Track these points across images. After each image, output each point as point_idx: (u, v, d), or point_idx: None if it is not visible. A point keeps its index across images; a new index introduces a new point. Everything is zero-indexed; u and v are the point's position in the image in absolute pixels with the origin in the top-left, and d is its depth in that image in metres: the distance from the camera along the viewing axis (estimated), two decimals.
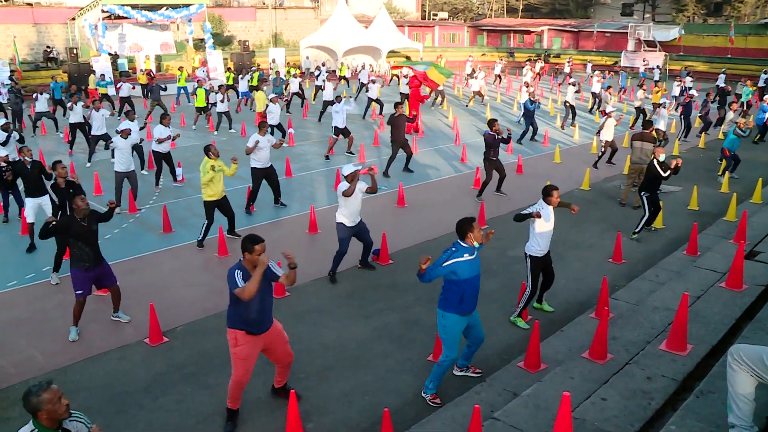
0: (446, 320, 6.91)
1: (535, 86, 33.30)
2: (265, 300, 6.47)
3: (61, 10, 42.47)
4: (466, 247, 6.80)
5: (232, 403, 6.78)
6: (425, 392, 7.20)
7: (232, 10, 52.92)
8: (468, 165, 18.60)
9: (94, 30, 36.56)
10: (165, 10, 38.24)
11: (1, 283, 10.60)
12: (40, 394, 4.09)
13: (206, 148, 11.72)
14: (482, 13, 74.49)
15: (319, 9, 58.55)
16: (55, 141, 22.66)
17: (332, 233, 10.95)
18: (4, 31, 40.54)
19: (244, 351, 6.47)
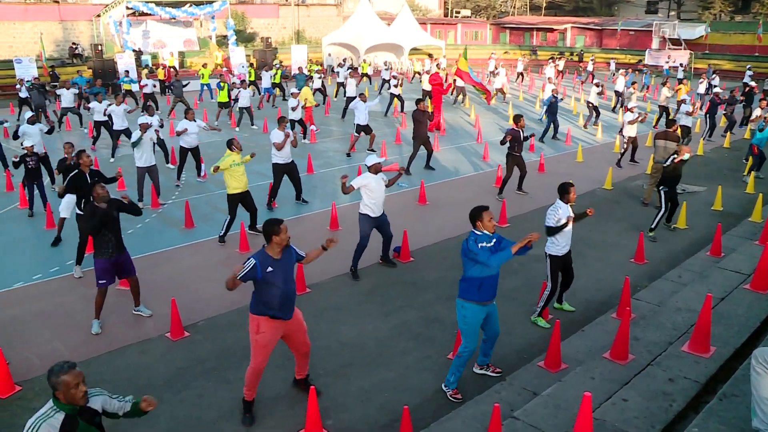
0: (466, 310, 6.92)
1: (558, 84, 33.13)
2: (290, 285, 6.56)
3: (86, 7, 42.92)
4: (482, 234, 6.83)
5: (249, 392, 6.84)
6: (447, 386, 7.21)
7: (255, 7, 53.12)
8: (490, 163, 18.54)
9: (118, 27, 36.94)
10: (188, 6, 38.56)
11: (27, 276, 10.74)
12: (60, 375, 4.15)
13: (229, 141, 11.80)
14: (505, 10, 74.15)
15: (342, 6, 58.59)
16: (80, 136, 22.91)
17: (353, 230, 10.97)
18: (32, 28, 41.09)
19: (265, 338, 6.54)
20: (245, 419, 6.83)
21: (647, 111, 25.17)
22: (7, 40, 40.81)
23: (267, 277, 6.32)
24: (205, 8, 39.18)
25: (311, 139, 21.62)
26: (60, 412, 4.20)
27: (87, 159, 10.66)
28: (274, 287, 6.37)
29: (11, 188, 15.86)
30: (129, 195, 13.65)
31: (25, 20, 41.74)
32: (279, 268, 6.42)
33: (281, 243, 6.38)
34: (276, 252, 6.41)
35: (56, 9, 42.70)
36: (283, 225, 6.38)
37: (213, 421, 6.85)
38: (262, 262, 6.32)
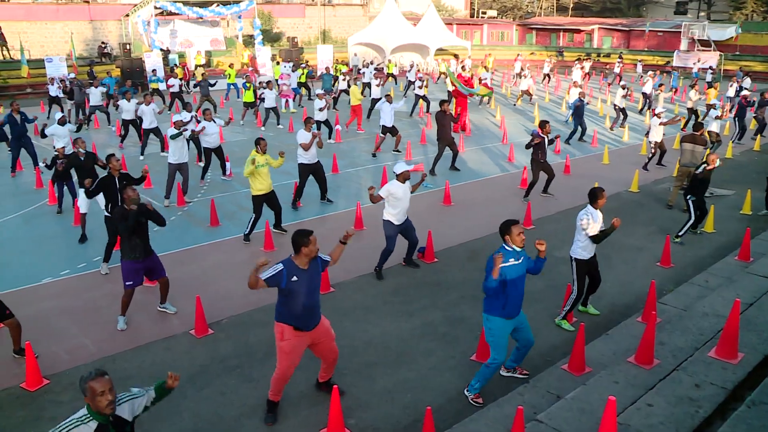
0: (491, 323, 6.90)
1: (584, 86, 32.91)
2: (314, 296, 6.53)
3: (115, 7, 43.44)
4: (511, 251, 6.77)
5: (274, 395, 6.86)
6: (469, 390, 7.19)
7: (281, 7, 53.37)
8: (515, 164, 18.47)
9: (146, 26, 37.29)
10: (215, 6, 38.83)
11: (55, 271, 10.90)
12: (88, 381, 4.20)
13: (257, 140, 11.86)
14: (532, 11, 73.75)
15: (368, 6, 58.64)
16: (108, 134, 23.19)
17: (378, 230, 10.98)
18: (63, 27, 41.73)
19: (289, 345, 6.53)
20: (267, 418, 6.86)
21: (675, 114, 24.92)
22: (39, 40, 41.42)
23: (291, 286, 6.32)
24: (232, 8, 39.42)
25: (336, 138, 21.69)
26: (93, 420, 4.24)
27: (116, 163, 10.74)
28: (297, 297, 6.36)
29: (41, 185, 16.09)
30: (157, 192, 13.86)
31: (57, 20, 42.34)
32: (304, 278, 6.39)
33: (310, 255, 6.37)
34: (303, 263, 6.40)
35: (86, 9, 43.27)
36: (313, 236, 6.37)
37: (235, 419, 6.90)
38: (289, 271, 6.32)
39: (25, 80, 34.29)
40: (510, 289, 6.70)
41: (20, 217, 13.87)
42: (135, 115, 20.08)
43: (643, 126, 24.31)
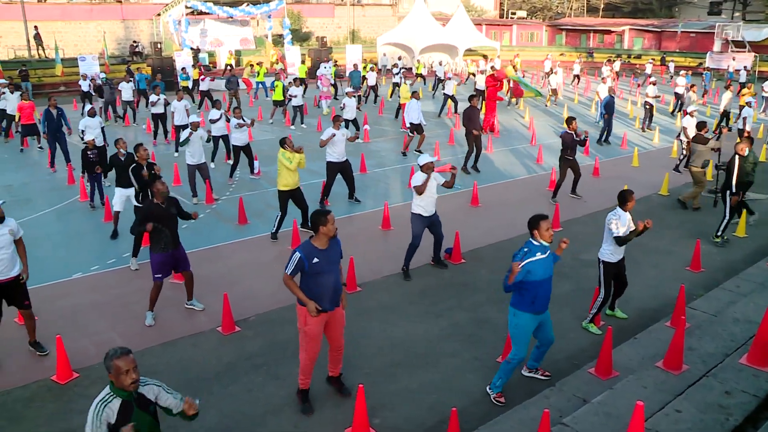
0: (518, 318, 6.87)
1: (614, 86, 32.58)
2: (335, 275, 6.66)
3: (147, 7, 43.97)
4: (538, 245, 6.75)
5: (305, 379, 6.98)
6: (491, 389, 7.17)
7: (310, 7, 53.60)
8: (543, 166, 18.35)
9: (177, 25, 37.67)
10: (246, 6, 39.15)
11: (85, 266, 11.05)
12: (113, 359, 4.27)
13: (282, 140, 11.90)
14: (562, 12, 73.23)
15: (397, 6, 58.68)
16: (138, 131, 23.46)
17: (405, 230, 10.99)
18: (96, 27, 42.39)
19: (313, 329, 6.66)
20: (305, 408, 6.96)
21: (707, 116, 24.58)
22: (73, 39, 42.09)
23: (314, 267, 6.46)
24: (261, 7, 39.70)
25: (365, 138, 21.73)
26: (117, 397, 4.31)
27: (144, 152, 10.92)
28: (320, 277, 6.50)
29: (72, 181, 16.32)
30: (185, 190, 13.98)
31: (90, 20, 43.02)
32: (325, 258, 6.53)
33: (328, 234, 6.49)
34: (323, 242, 6.53)
35: (119, 9, 43.89)
36: (331, 216, 6.49)
37: (261, 416, 6.94)
38: (308, 254, 6.46)
39: (59, 78, 34.89)
40: (538, 283, 6.68)
41: (53, 213, 14.09)
42: (164, 109, 20.37)
43: (674, 129, 24.00)
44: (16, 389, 7.44)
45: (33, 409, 7.08)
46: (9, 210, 7.74)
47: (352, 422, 6.48)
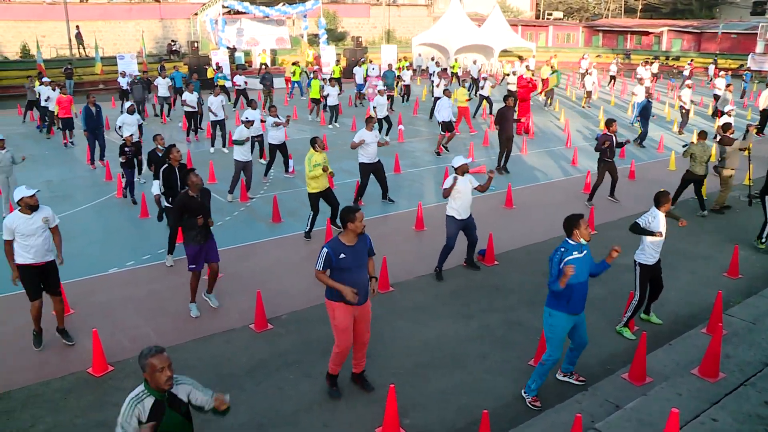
0: (553, 319, 6.83)
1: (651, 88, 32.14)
2: (362, 272, 6.77)
3: (185, 6, 44.53)
4: (574, 244, 6.71)
5: (334, 369, 7.17)
6: (526, 393, 7.14)
7: (346, 7, 53.78)
8: (579, 168, 18.17)
9: (214, 25, 38.04)
10: (282, 5, 39.40)
11: (121, 262, 11.23)
12: (148, 357, 4.32)
13: (313, 140, 11.93)
14: (599, 13, 72.47)
15: (433, 7, 58.60)
16: (173, 129, 23.76)
17: (439, 231, 10.98)
18: (135, 26, 43.11)
19: (342, 323, 6.80)
20: (333, 392, 7.15)
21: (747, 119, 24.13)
22: (113, 38, 42.84)
23: (341, 263, 6.58)
24: (297, 7, 39.92)
25: (399, 138, 21.73)
26: (150, 396, 4.36)
27: (177, 154, 11.02)
28: (346, 273, 6.61)
29: (110, 178, 16.59)
30: (219, 187, 14.11)
31: (129, 19, 43.75)
32: (352, 254, 6.64)
33: (356, 230, 6.59)
34: (350, 239, 6.65)
35: (157, 8, 44.55)
36: (359, 213, 6.59)
37: (292, 413, 6.98)
38: (335, 250, 6.58)
39: (98, 77, 35.50)
40: (574, 283, 6.64)
41: (90, 209, 14.34)
42: (198, 107, 20.62)
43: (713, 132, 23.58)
44: (55, 380, 7.61)
45: (70, 400, 7.23)
46: (49, 205, 7.94)
47: (383, 422, 6.49)
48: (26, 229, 7.79)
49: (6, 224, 7.80)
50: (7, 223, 7.80)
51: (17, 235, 7.80)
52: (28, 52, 38.97)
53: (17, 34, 40.25)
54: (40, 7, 41.09)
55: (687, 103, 23.40)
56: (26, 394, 7.33)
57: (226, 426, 6.55)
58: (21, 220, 7.80)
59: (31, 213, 7.85)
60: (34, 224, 7.84)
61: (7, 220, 7.84)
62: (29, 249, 7.86)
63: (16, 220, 7.79)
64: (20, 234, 7.79)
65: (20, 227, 7.77)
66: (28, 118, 25.56)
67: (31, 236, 7.83)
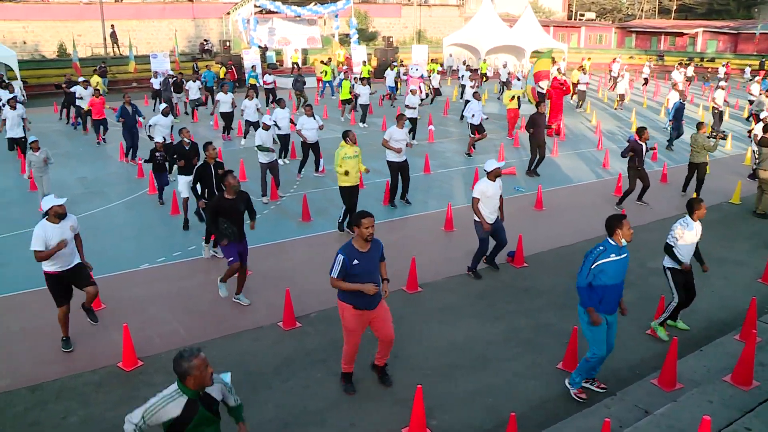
0: (587, 316, 6.80)
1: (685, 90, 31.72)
2: (373, 276, 6.76)
3: (217, 6, 44.94)
4: (614, 246, 6.64)
5: (346, 366, 7.28)
6: (572, 385, 7.13)
7: (377, 7, 53.85)
8: (610, 171, 18.00)
9: (246, 24, 38.34)
10: (313, 5, 39.60)
11: (152, 258, 11.35)
12: (191, 360, 4.35)
13: (345, 133, 11.98)
14: (632, 14, 71.69)
15: (464, 7, 58.45)
16: (206, 128, 23.97)
17: (468, 232, 10.95)
18: (168, 25, 43.64)
19: (351, 324, 6.87)
20: (347, 388, 7.24)
21: None
22: (146, 37, 43.40)
23: (354, 269, 6.59)
24: (329, 7, 40.09)
25: (429, 139, 21.70)
26: (183, 396, 4.40)
27: (213, 151, 11.08)
28: (358, 279, 6.61)
29: (142, 175, 16.78)
30: (250, 187, 14.20)
31: (163, 18, 44.28)
32: (364, 261, 6.65)
33: (362, 236, 6.59)
34: (362, 244, 6.65)
35: (190, 7, 45.04)
36: (367, 219, 6.55)
37: (318, 411, 7.00)
38: (349, 256, 6.60)
39: (131, 75, 35.94)
40: (609, 284, 6.61)
41: (122, 205, 14.52)
42: (232, 107, 20.79)
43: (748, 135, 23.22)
44: (86, 373, 7.72)
45: (101, 393, 7.33)
46: (82, 201, 8.05)
47: (409, 422, 6.48)
48: (53, 238, 7.70)
49: (37, 234, 7.66)
50: (38, 233, 7.67)
51: (48, 244, 7.66)
52: (64, 51, 39.61)
53: (55, 33, 40.96)
54: (77, 7, 41.76)
55: (720, 105, 23.05)
56: (59, 386, 7.45)
57: (253, 423, 6.58)
58: (50, 229, 7.71)
59: (59, 222, 7.79)
60: (63, 233, 7.77)
61: (39, 231, 7.69)
62: (57, 257, 7.77)
63: (47, 230, 7.69)
64: (50, 242, 7.69)
65: (51, 237, 7.67)
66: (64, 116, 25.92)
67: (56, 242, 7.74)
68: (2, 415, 6.93)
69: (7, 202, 14.73)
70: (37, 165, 13.11)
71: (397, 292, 9.67)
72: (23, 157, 16.43)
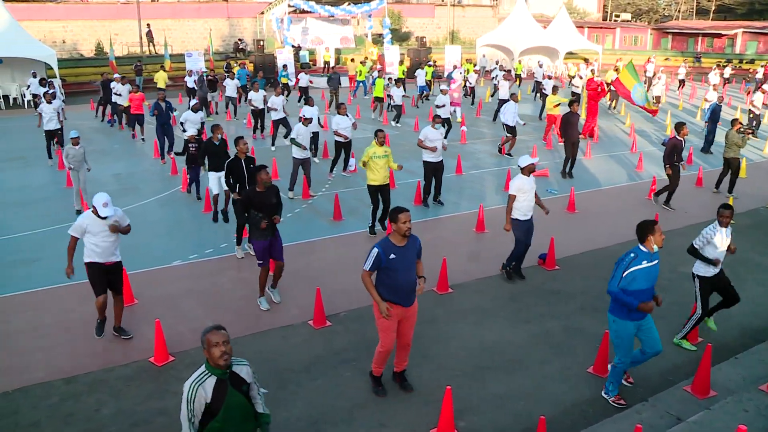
0: (617, 325, 6.74)
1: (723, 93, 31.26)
2: (410, 273, 6.71)
3: (252, 5, 45.33)
4: (645, 252, 6.57)
5: (377, 368, 7.21)
6: (607, 394, 7.09)
7: (411, 7, 53.85)
8: (643, 174, 17.76)
9: (280, 23, 38.59)
10: (347, 5, 39.76)
11: (184, 255, 11.48)
12: (206, 334, 4.46)
13: (376, 132, 12.01)
14: (669, 14, 70.71)
15: (498, 8, 58.21)
16: (238, 125, 24.17)
17: (499, 234, 10.90)
18: (203, 24, 44.16)
19: (385, 322, 6.80)
20: (379, 391, 7.20)
21: None
22: (181, 36, 43.95)
23: (390, 263, 6.56)
24: (362, 7, 40.21)
25: (461, 140, 21.63)
26: (212, 376, 4.45)
27: (244, 146, 11.14)
28: (395, 273, 6.59)
29: (175, 172, 16.97)
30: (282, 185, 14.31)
31: (198, 18, 44.80)
32: (401, 255, 6.62)
33: (399, 231, 6.57)
34: (398, 239, 6.63)
35: (225, 7, 45.49)
36: (403, 214, 6.55)
37: (347, 410, 7.02)
38: (385, 250, 6.57)
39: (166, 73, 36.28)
40: (640, 292, 6.53)
41: (156, 202, 14.70)
42: (264, 104, 20.92)
43: None
44: (118, 367, 7.83)
45: (132, 387, 7.43)
46: (116, 197, 8.15)
47: (438, 424, 6.47)
48: (96, 229, 7.98)
49: (78, 222, 8.00)
50: (79, 221, 8.00)
51: (87, 235, 8.00)
52: (102, 49, 40.22)
53: (93, 32, 41.66)
54: (114, 6, 42.44)
55: (758, 108, 22.64)
56: (92, 379, 7.57)
57: (282, 420, 6.63)
58: (92, 220, 7.97)
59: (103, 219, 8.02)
60: (103, 226, 8.02)
61: (80, 219, 8.03)
62: (97, 248, 8.04)
63: (88, 220, 7.98)
64: (90, 233, 7.99)
65: (90, 227, 7.97)
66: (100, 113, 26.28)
67: (98, 235, 8.00)
68: (38, 406, 7.07)
69: (43, 198, 15.02)
70: (75, 160, 13.31)
71: (427, 293, 9.66)
72: (60, 151, 16.76)
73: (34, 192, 15.57)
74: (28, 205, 14.49)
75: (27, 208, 14.26)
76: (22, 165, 18.38)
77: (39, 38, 34.64)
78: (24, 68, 29.90)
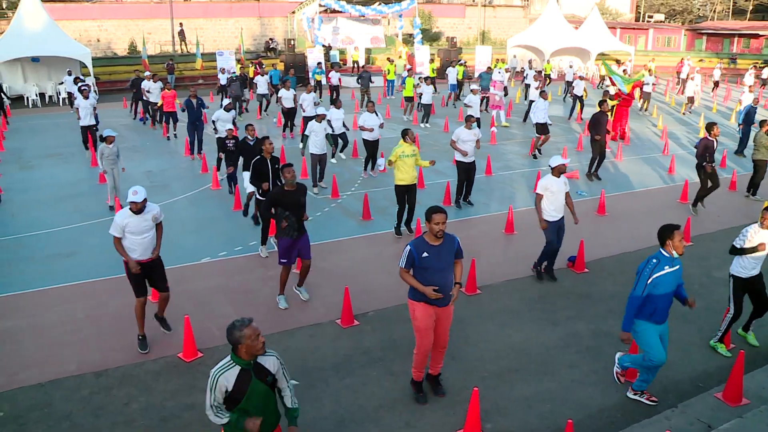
0: (638, 327, 6.71)
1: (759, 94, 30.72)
2: (445, 273, 6.65)
3: (283, 5, 45.55)
4: (667, 257, 6.51)
5: (418, 372, 7.13)
6: (638, 393, 7.05)
7: (441, 7, 53.73)
8: (675, 177, 17.54)
9: (310, 23, 38.72)
10: (378, 5, 39.76)
11: (214, 252, 11.57)
12: (242, 329, 4.49)
13: (404, 131, 11.96)
14: (703, 15, 69.69)
15: (529, 8, 57.85)
16: (269, 124, 24.33)
17: (528, 235, 10.86)
18: (234, 24, 44.54)
19: (423, 322, 6.74)
20: (419, 398, 7.12)
21: None
22: (213, 35, 44.34)
23: (423, 262, 6.51)
24: (393, 7, 40.20)
25: (491, 140, 21.53)
26: (236, 366, 4.54)
27: (270, 146, 11.18)
28: (428, 272, 6.53)
29: (206, 170, 17.12)
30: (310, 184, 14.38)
31: (229, 17, 45.18)
32: (435, 254, 6.54)
33: (432, 231, 6.51)
34: (432, 238, 6.57)
35: (256, 6, 45.81)
36: (437, 215, 6.47)
37: (374, 410, 7.03)
38: (418, 248, 6.52)
39: (198, 72, 36.73)
40: (662, 297, 6.49)
41: (186, 199, 14.85)
42: (295, 104, 21.04)
43: None
44: (147, 362, 7.94)
45: (161, 382, 7.53)
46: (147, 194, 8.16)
47: (464, 425, 6.45)
48: (137, 228, 7.86)
49: (117, 221, 7.85)
50: (117, 220, 7.85)
51: (127, 233, 7.84)
52: (135, 48, 40.74)
53: (126, 31, 42.20)
54: (148, 6, 42.96)
55: None
56: (122, 373, 7.68)
57: (308, 418, 6.66)
58: (132, 218, 7.83)
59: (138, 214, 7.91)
60: (144, 223, 7.91)
61: (119, 218, 7.87)
62: (136, 246, 7.93)
63: (127, 218, 7.83)
64: (130, 232, 7.85)
65: (131, 226, 7.82)
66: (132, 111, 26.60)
67: (139, 235, 7.89)
68: (70, 398, 7.19)
69: (77, 194, 15.25)
70: (109, 158, 13.48)
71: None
72: (94, 148, 17.00)
73: (69, 188, 15.82)
74: (63, 200, 14.74)
75: (62, 203, 14.51)
76: (57, 162, 18.68)
77: (75, 37, 35.22)
78: (60, 67, 30.45)
